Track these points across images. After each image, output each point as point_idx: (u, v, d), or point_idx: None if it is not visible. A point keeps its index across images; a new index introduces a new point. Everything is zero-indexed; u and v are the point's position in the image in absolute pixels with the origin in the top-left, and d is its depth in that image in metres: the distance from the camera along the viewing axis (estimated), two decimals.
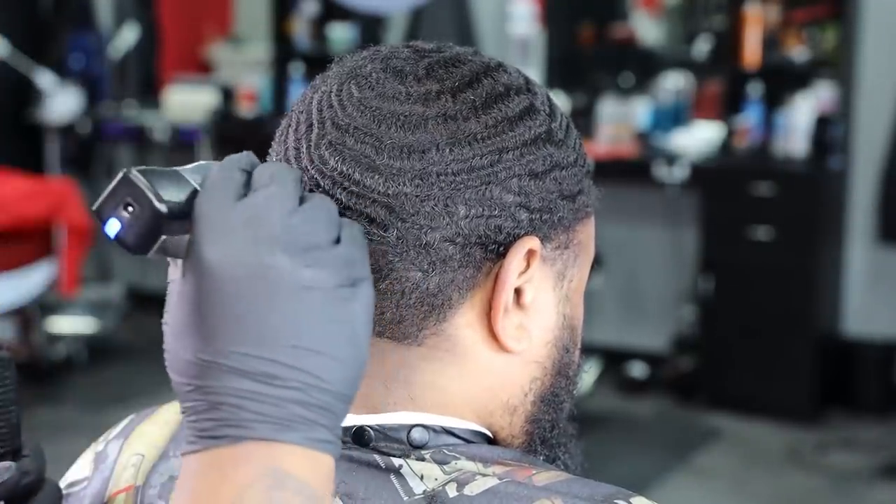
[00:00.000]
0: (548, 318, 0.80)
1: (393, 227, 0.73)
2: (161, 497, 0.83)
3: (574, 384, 0.84)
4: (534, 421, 0.81)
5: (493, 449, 0.78)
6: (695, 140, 5.07)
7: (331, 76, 0.79)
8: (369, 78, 0.77)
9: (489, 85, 0.77)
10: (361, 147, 0.74)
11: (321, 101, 0.77)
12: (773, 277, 4.70)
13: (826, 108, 4.82)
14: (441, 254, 0.74)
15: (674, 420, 4.82)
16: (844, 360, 4.86)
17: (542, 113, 0.79)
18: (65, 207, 4.88)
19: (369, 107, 0.75)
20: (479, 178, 0.74)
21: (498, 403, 0.79)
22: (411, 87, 0.76)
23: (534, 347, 0.79)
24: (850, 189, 4.93)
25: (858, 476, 4.28)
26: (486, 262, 0.76)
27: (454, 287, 0.75)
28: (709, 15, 5.46)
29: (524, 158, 0.76)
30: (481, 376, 0.78)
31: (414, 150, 0.74)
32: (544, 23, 5.38)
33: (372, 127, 0.74)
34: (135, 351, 5.63)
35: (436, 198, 0.74)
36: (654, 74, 5.38)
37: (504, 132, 0.76)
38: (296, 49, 5.92)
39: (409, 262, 0.74)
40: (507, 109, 0.77)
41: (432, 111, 0.75)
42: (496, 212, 0.75)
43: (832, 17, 4.84)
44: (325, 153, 0.75)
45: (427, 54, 0.79)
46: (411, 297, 0.75)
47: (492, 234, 0.75)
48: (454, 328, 0.76)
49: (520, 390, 0.80)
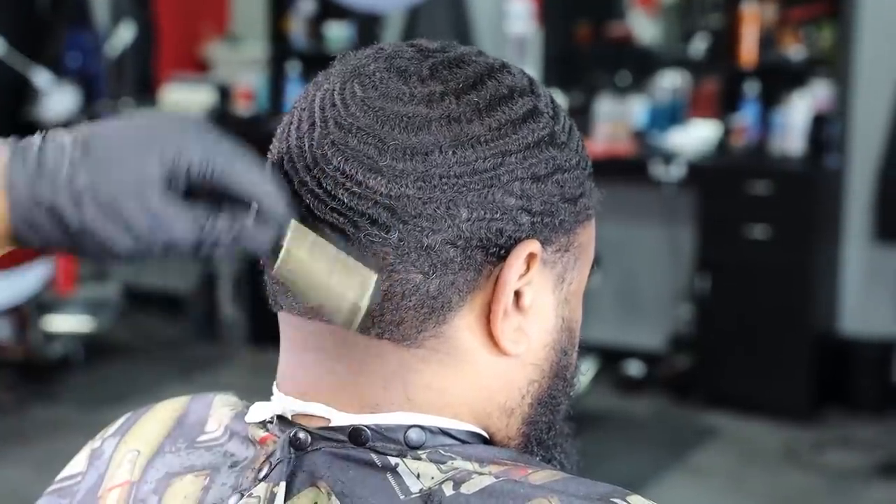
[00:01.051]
0: (546, 321, 0.80)
1: (395, 229, 0.73)
2: (156, 492, 0.83)
3: (571, 386, 0.84)
4: (531, 423, 0.81)
5: (489, 449, 0.78)
6: (691, 139, 5.07)
7: (333, 74, 0.79)
8: (373, 77, 0.77)
9: (493, 87, 0.77)
10: (364, 147, 0.74)
11: (324, 100, 0.77)
12: (770, 276, 4.70)
13: (823, 106, 4.82)
14: (442, 256, 0.74)
15: (670, 419, 4.82)
16: (841, 358, 4.86)
17: (546, 115, 0.79)
18: None
19: (372, 107, 0.75)
20: (481, 180, 0.74)
21: (495, 405, 0.79)
22: (415, 87, 0.76)
23: (532, 350, 0.80)
24: (847, 188, 4.93)
25: (855, 475, 4.29)
26: (487, 264, 0.76)
27: (454, 290, 0.75)
28: (705, 13, 5.47)
29: (527, 161, 0.76)
30: (479, 378, 0.78)
31: (417, 151, 0.74)
32: (541, 21, 5.38)
33: (375, 127, 0.74)
34: (131, 349, 5.63)
35: (438, 200, 0.74)
36: (650, 73, 5.38)
37: (507, 135, 0.76)
38: (293, 48, 5.92)
39: (410, 265, 0.74)
40: (510, 112, 0.77)
41: (436, 113, 0.75)
42: (498, 215, 0.75)
43: (829, 15, 4.84)
44: (327, 152, 0.74)
45: (431, 54, 0.79)
46: (411, 299, 0.75)
47: (493, 238, 0.75)
48: (453, 330, 0.77)
49: (517, 392, 0.80)
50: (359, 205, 0.73)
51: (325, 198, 0.74)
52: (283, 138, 0.78)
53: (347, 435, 0.76)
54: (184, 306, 5.92)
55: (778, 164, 4.85)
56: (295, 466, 0.76)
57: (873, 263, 4.93)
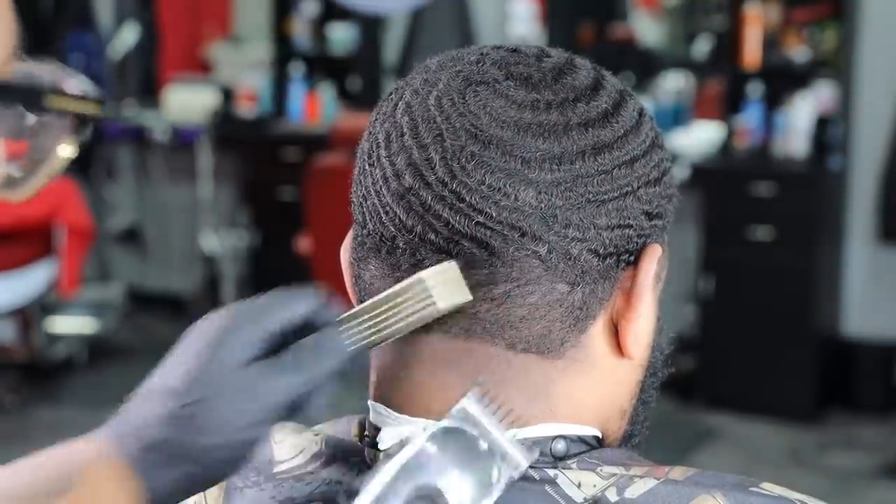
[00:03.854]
0: (651, 322, 0.81)
1: (544, 241, 0.73)
2: None
3: (659, 381, 0.86)
4: (633, 422, 0.83)
5: (616, 451, 0.79)
6: (695, 140, 5.07)
7: (438, 82, 0.76)
8: (496, 85, 0.75)
9: (610, 90, 0.77)
10: (508, 159, 0.72)
11: (443, 110, 0.74)
12: (773, 277, 4.70)
13: (826, 108, 4.81)
14: (585, 265, 0.74)
15: (673, 420, 4.82)
16: (844, 360, 4.86)
17: (648, 116, 0.79)
18: (65, 207, 4.88)
19: (504, 117, 0.73)
20: (619, 187, 0.74)
21: (615, 408, 0.80)
22: (545, 94, 0.75)
23: (642, 351, 0.80)
24: (850, 189, 4.92)
25: (858, 476, 4.28)
26: (619, 271, 0.76)
27: (595, 299, 0.75)
28: (709, 15, 5.47)
29: (648, 166, 0.76)
30: (606, 384, 0.79)
31: (563, 160, 0.73)
32: (544, 22, 5.38)
33: (515, 138, 0.73)
34: (135, 351, 5.63)
35: (584, 208, 0.73)
36: (654, 74, 5.38)
37: (631, 140, 0.76)
38: (296, 49, 5.91)
39: (558, 275, 0.74)
40: (629, 115, 0.77)
41: (573, 119, 0.74)
42: (630, 221, 0.75)
43: (832, 17, 4.84)
44: (466, 165, 0.72)
45: (541, 58, 0.77)
46: (559, 309, 0.74)
47: (623, 244, 0.75)
48: (589, 339, 0.77)
49: (630, 394, 0.82)
50: (509, 217, 0.72)
51: (469, 212, 0.72)
52: (376, 158, 0.76)
53: None
54: (187, 308, 5.92)
55: (781, 166, 4.85)
56: None
57: (877, 265, 4.93)
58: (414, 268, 0.74)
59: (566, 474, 0.75)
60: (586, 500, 0.73)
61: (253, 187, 5.74)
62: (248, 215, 5.76)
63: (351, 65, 5.81)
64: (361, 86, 5.77)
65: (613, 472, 0.75)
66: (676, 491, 0.73)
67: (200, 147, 5.77)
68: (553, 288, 0.74)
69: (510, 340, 0.74)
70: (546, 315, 0.74)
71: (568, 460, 0.76)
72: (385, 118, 0.77)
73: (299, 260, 4.71)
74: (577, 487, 0.74)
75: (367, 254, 0.77)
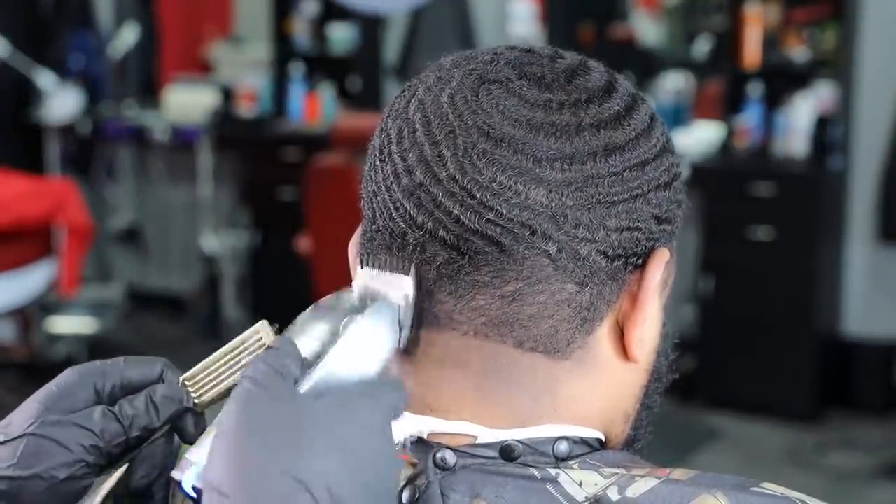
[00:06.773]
0: (657, 326, 0.81)
1: (554, 240, 0.73)
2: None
3: (664, 386, 0.86)
4: (636, 426, 0.83)
5: (618, 453, 0.79)
6: (695, 140, 5.07)
7: (441, 81, 0.77)
8: (508, 84, 0.75)
9: (623, 92, 0.77)
10: (520, 157, 0.73)
11: (455, 108, 0.74)
12: (773, 277, 4.70)
13: (826, 108, 4.82)
14: (594, 266, 0.74)
15: (674, 420, 4.82)
16: (844, 360, 4.86)
17: (659, 120, 0.79)
18: (65, 207, 4.88)
19: (517, 115, 0.74)
20: (628, 189, 0.75)
21: (619, 412, 0.81)
22: (558, 94, 0.75)
23: (647, 356, 0.81)
24: (850, 189, 4.93)
25: (858, 476, 4.28)
26: (627, 274, 0.76)
27: (603, 300, 0.76)
28: (709, 15, 5.47)
29: (658, 170, 0.77)
30: (610, 386, 0.79)
31: (575, 160, 0.73)
32: (544, 22, 5.38)
33: (528, 137, 0.73)
34: (135, 351, 5.63)
35: (594, 209, 0.73)
36: (654, 74, 5.38)
37: (641, 144, 0.76)
38: (296, 49, 5.92)
39: (567, 275, 0.74)
40: (641, 118, 0.77)
41: (585, 120, 0.74)
42: (639, 224, 0.75)
43: (832, 17, 4.84)
44: (478, 163, 0.73)
45: (554, 59, 0.78)
46: (567, 310, 0.75)
47: (631, 247, 0.75)
48: (596, 341, 0.77)
49: (634, 398, 0.82)
50: (520, 216, 0.72)
51: (479, 209, 0.72)
52: (386, 154, 0.76)
53: (498, 451, 0.75)
54: (187, 307, 5.92)
55: (781, 166, 4.85)
56: (442, 487, 0.75)
57: (877, 265, 4.93)
58: (423, 264, 0.74)
59: (568, 473, 0.75)
60: (588, 498, 0.73)
61: (253, 187, 5.75)
62: (248, 215, 5.76)
63: (351, 65, 5.81)
64: (361, 86, 5.78)
65: (615, 472, 0.75)
66: (678, 490, 0.73)
67: (200, 147, 5.77)
68: (562, 287, 0.74)
69: (518, 339, 0.74)
70: (554, 314, 0.74)
71: (570, 461, 0.76)
72: (397, 115, 0.77)
73: (299, 260, 4.71)
74: (578, 486, 0.74)
75: (376, 250, 0.77)
